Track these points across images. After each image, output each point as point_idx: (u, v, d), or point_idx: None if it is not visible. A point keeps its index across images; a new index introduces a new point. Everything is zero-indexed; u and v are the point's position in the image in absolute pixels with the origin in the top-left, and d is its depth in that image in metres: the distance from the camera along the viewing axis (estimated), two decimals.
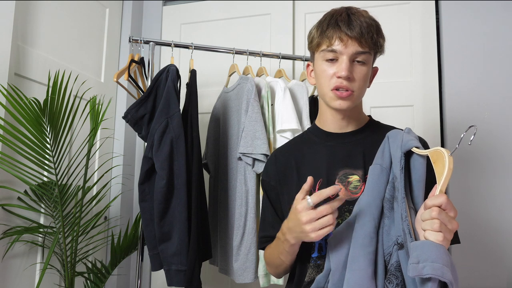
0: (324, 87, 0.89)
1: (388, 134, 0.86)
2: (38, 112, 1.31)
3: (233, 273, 1.48)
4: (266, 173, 1.03)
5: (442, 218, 0.66)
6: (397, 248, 0.75)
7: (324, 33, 0.87)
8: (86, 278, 1.63)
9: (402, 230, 0.74)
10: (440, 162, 0.71)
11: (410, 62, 1.91)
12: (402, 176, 0.77)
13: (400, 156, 0.78)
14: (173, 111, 1.41)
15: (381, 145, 0.85)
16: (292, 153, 0.99)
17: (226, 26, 2.18)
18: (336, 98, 0.88)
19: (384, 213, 0.79)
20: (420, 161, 0.78)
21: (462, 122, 1.77)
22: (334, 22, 0.87)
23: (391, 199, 0.79)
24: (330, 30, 0.86)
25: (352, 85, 0.87)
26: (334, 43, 0.86)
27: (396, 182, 0.78)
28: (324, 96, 0.91)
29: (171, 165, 1.39)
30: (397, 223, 0.76)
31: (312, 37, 0.92)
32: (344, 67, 0.85)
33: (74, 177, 1.56)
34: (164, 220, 1.39)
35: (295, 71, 2.05)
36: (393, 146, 0.82)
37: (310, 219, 0.74)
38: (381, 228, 0.78)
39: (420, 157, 0.78)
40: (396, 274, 0.74)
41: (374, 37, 0.87)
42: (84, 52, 1.89)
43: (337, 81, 0.86)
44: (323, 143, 0.95)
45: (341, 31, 0.85)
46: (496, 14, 1.79)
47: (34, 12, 1.58)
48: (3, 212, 1.40)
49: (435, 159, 0.73)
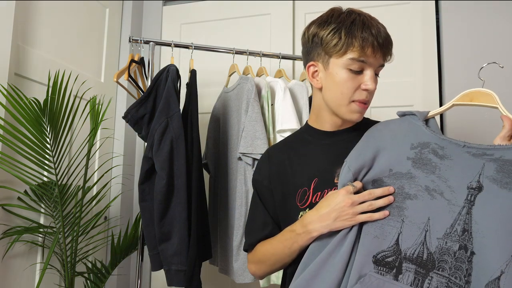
0: (343, 97, 0.86)
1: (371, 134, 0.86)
2: (38, 112, 1.31)
3: (233, 273, 1.48)
4: (258, 172, 1.00)
5: None
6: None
7: (356, 40, 0.81)
8: (86, 278, 1.63)
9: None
10: (479, 98, 0.81)
11: (410, 62, 1.91)
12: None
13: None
14: (173, 111, 1.41)
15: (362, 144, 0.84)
16: (286, 152, 0.98)
17: (226, 26, 2.18)
18: (357, 110, 0.86)
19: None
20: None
21: (462, 122, 1.77)
22: (368, 30, 0.81)
23: None
24: (365, 38, 0.81)
25: (371, 97, 0.87)
26: (367, 52, 0.82)
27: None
28: (340, 106, 0.87)
29: (171, 165, 1.39)
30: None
31: (332, 41, 0.84)
32: (372, 80, 0.83)
33: (74, 177, 1.56)
34: (164, 220, 1.39)
35: (295, 71, 2.05)
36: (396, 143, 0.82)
37: (354, 202, 0.76)
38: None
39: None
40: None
41: (391, 49, 0.87)
42: (84, 52, 1.89)
43: (363, 94, 0.85)
44: (318, 142, 0.94)
45: (375, 39, 0.82)
46: (496, 14, 1.79)
47: (34, 12, 1.58)
48: (3, 212, 1.40)
49: (470, 98, 0.82)
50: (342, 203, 0.77)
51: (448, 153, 0.76)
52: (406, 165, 0.78)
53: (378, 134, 0.84)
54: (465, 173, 0.73)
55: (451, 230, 0.70)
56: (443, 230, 0.71)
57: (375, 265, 0.73)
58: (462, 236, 0.69)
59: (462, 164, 0.74)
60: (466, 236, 0.69)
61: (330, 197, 0.80)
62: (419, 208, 0.74)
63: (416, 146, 0.79)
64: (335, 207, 0.78)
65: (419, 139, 0.80)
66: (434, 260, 0.70)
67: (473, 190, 0.71)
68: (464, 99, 0.85)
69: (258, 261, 0.96)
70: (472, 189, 0.72)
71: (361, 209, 0.77)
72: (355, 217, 0.77)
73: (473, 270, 0.67)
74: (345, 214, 0.77)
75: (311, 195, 0.89)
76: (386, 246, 0.73)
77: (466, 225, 0.69)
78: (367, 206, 0.77)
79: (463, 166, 0.74)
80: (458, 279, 0.67)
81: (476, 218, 0.69)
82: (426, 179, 0.75)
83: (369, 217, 0.76)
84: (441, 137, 0.79)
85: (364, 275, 0.72)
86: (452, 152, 0.76)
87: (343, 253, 0.76)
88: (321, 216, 0.80)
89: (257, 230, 0.97)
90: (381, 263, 0.72)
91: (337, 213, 0.78)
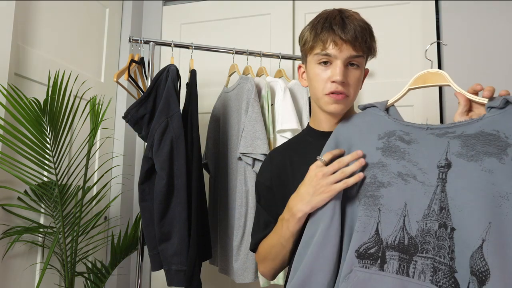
0: (318, 91, 0.89)
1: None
2: (38, 112, 1.31)
3: (233, 273, 1.48)
4: (261, 174, 1.02)
5: None
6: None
7: (317, 36, 0.86)
8: (86, 278, 1.63)
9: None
10: (432, 78, 0.84)
11: (410, 62, 1.91)
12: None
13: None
14: (173, 111, 1.41)
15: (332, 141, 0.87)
16: (287, 154, 0.99)
17: (226, 26, 2.18)
18: (331, 101, 0.88)
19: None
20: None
21: None
22: (328, 25, 0.86)
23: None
24: (324, 34, 0.85)
25: (346, 89, 0.87)
26: (329, 47, 0.85)
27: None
28: (318, 100, 0.91)
29: (171, 165, 1.39)
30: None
31: (305, 40, 0.91)
32: (338, 71, 0.84)
33: (74, 177, 1.56)
34: (164, 220, 1.39)
35: (295, 71, 2.05)
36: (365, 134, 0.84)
37: (325, 173, 0.79)
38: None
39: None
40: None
41: (367, 40, 0.87)
42: (84, 52, 1.89)
43: (332, 86, 0.86)
44: (317, 143, 0.95)
45: (335, 34, 0.84)
46: (496, 14, 1.79)
47: (34, 12, 1.58)
48: (3, 212, 1.40)
49: (423, 81, 0.85)
50: (314, 177, 0.80)
51: (414, 137, 0.79)
52: (377, 155, 0.79)
53: (346, 130, 0.87)
54: (433, 153, 0.75)
55: (429, 210, 0.72)
56: (421, 212, 0.72)
57: (359, 260, 0.73)
58: (440, 215, 0.70)
59: (428, 145, 0.77)
60: (444, 214, 0.70)
61: (305, 177, 0.83)
62: (394, 195, 0.75)
63: (383, 136, 0.81)
64: (309, 182, 0.80)
65: (384, 128, 0.83)
66: (416, 243, 0.70)
67: (442, 168, 0.73)
68: (418, 82, 0.88)
69: (263, 259, 0.98)
70: (442, 167, 0.73)
71: (334, 179, 0.78)
72: (330, 187, 0.78)
73: (456, 246, 0.68)
74: (320, 187, 0.78)
75: None
76: (367, 237, 0.74)
77: (442, 203, 0.71)
78: (340, 174, 0.78)
79: (430, 147, 0.76)
80: (443, 257, 0.68)
81: (450, 194, 0.70)
82: (397, 165, 0.77)
83: (344, 183, 0.77)
84: (404, 123, 0.82)
85: (350, 272, 0.72)
86: (417, 135, 0.79)
87: (332, 242, 0.76)
88: (300, 195, 0.82)
89: (260, 230, 0.99)
90: (364, 255, 0.73)
91: (313, 188, 0.79)
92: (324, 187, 0.78)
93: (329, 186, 0.78)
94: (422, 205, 0.72)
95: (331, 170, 0.79)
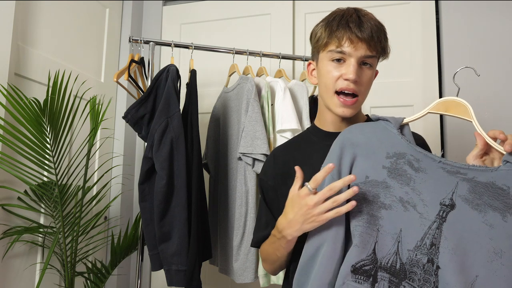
0: (328, 88, 0.88)
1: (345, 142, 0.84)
2: (38, 112, 1.31)
3: (233, 273, 1.48)
4: (264, 172, 1.02)
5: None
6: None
7: (333, 33, 0.85)
8: (86, 278, 1.63)
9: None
10: (454, 108, 0.82)
11: (410, 62, 1.91)
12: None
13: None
14: (173, 111, 1.41)
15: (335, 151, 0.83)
16: (291, 152, 0.99)
17: (226, 26, 2.18)
18: (340, 105, 0.87)
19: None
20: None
21: (462, 122, 1.77)
22: (344, 22, 0.85)
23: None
24: (341, 31, 0.84)
25: (358, 88, 0.86)
26: (344, 44, 0.84)
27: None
28: (327, 99, 0.90)
29: (171, 165, 1.39)
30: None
31: (318, 37, 0.89)
32: (352, 69, 0.84)
33: (74, 177, 1.56)
34: (164, 220, 1.39)
35: (295, 71, 2.05)
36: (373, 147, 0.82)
37: (316, 202, 0.75)
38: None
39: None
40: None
41: (382, 41, 0.87)
42: (84, 52, 1.89)
43: (344, 83, 0.85)
44: (323, 143, 0.95)
45: (351, 32, 0.84)
46: (496, 14, 1.79)
47: (34, 12, 1.58)
48: (3, 212, 1.40)
49: (445, 108, 0.82)
50: (304, 207, 0.76)
51: (423, 166, 0.77)
52: (382, 174, 0.78)
53: (353, 138, 0.83)
54: (439, 189, 0.74)
55: (421, 243, 0.72)
56: (414, 242, 0.72)
57: (352, 274, 0.72)
58: (430, 250, 0.71)
59: (436, 179, 0.76)
60: (433, 250, 0.70)
61: (293, 200, 0.79)
62: (393, 219, 0.74)
63: (391, 156, 0.79)
64: (299, 212, 0.77)
65: (394, 148, 0.80)
66: (405, 270, 0.71)
67: (445, 206, 0.73)
68: (439, 107, 0.85)
69: (264, 259, 1.00)
70: (445, 205, 0.73)
71: (325, 208, 0.74)
72: (322, 216, 0.75)
73: (440, 284, 0.68)
74: (311, 216, 0.75)
75: None
76: (365, 255, 0.73)
77: (434, 239, 0.71)
78: (331, 203, 0.74)
79: (437, 182, 0.75)
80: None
81: (446, 235, 0.71)
82: (400, 190, 0.76)
83: (336, 213, 0.74)
84: (416, 149, 0.80)
85: (343, 284, 0.72)
86: (427, 165, 0.77)
87: (339, 255, 0.76)
88: (290, 222, 0.80)
89: (261, 229, 1.00)
90: (358, 271, 0.72)
91: (303, 217, 0.77)
92: (315, 217, 0.75)
93: (321, 215, 0.75)
94: (416, 236, 0.72)
95: (322, 199, 0.74)
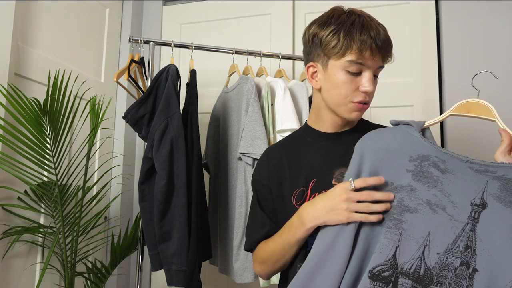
0: (342, 98, 0.86)
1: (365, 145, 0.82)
2: (38, 112, 1.31)
3: (233, 273, 1.48)
4: (258, 171, 1.00)
5: None
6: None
7: (354, 43, 0.81)
8: (86, 278, 1.63)
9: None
10: (476, 109, 0.80)
11: (410, 62, 1.91)
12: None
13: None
14: (173, 111, 1.41)
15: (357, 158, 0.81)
16: (285, 152, 0.98)
17: (226, 26, 2.18)
18: (355, 110, 0.87)
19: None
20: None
21: (462, 122, 1.77)
22: (367, 33, 0.81)
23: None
24: (364, 41, 0.81)
25: (370, 98, 0.88)
26: (365, 55, 0.82)
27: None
28: (338, 106, 0.88)
29: (171, 165, 1.39)
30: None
31: (331, 42, 0.84)
32: (370, 82, 0.84)
33: (74, 177, 1.56)
34: (164, 220, 1.39)
35: (295, 71, 2.05)
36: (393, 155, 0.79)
37: (350, 198, 0.75)
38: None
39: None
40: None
41: (391, 51, 0.87)
42: (84, 52, 1.89)
43: (361, 96, 0.85)
44: (317, 143, 0.94)
45: (373, 42, 0.81)
46: (496, 14, 1.79)
47: (34, 12, 1.58)
48: (3, 212, 1.40)
49: (467, 110, 0.82)
50: (338, 197, 0.76)
51: (450, 167, 0.75)
52: (407, 178, 0.76)
53: (373, 145, 0.82)
54: (468, 189, 0.72)
55: (453, 246, 0.70)
56: (444, 245, 0.70)
57: (370, 280, 0.70)
58: (465, 253, 0.69)
59: (464, 179, 0.74)
60: (469, 253, 0.68)
61: (329, 191, 0.80)
62: (419, 222, 0.72)
63: (415, 159, 0.77)
64: (330, 199, 0.77)
65: (418, 151, 0.78)
66: (432, 275, 0.69)
67: (477, 207, 0.71)
68: (461, 109, 0.84)
69: (262, 261, 0.95)
70: (476, 206, 0.71)
71: (356, 208, 0.74)
72: (349, 214, 0.74)
73: (475, 287, 0.66)
74: (339, 208, 0.75)
75: (308, 195, 0.89)
76: (383, 259, 0.71)
77: (469, 242, 0.69)
78: (364, 207, 0.74)
79: (466, 182, 0.73)
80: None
81: (480, 236, 0.69)
82: (427, 193, 0.74)
83: (364, 217, 0.74)
84: (441, 150, 0.78)
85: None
86: (454, 166, 0.75)
87: (342, 249, 0.74)
88: (316, 206, 0.79)
89: (256, 229, 0.97)
90: (377, 277, 0.70)
91: (331, 205, 0.76)
92: (343, 211, 0.75)
93: (348, 212, 0.74)
94: (447, 239, 0.70)
95: (357, 199, 0.75)
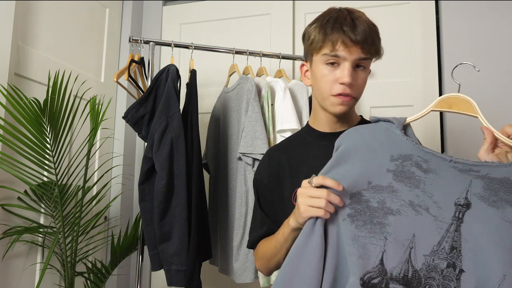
0: (324, 91, 0.88)
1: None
2: (38, 112, 1.31)
3: (233, 273, 1.48)
4: (259, 172, 1.02)
5: None
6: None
7: (327, 37, 0.84)
8: (86, 278, 1.63)
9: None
10: (458, 105, 0.79)
11: (410, 62, 1.91)
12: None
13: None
14: (173, 111, 1.41)
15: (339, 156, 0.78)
16: (286, 152, 0.99)
17: (226, 26, 2.18)
18: (338, 102, 0.87)
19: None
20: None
21: (462, 122, 1.77)
22: (339, 26, 0.84)
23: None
24: (335, 34, 0.84)
25: (353, 91, 0.87)
26: (338, 48, 0.84)
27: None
28: (323, 100, 0.90)
29: (171, 165, 1.39)
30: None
31: (312, 39, 0.88)
32: (347, 73, 0.84)
33: (74, 177, 1.56)
34: (164, 220, 1.39)
35: (295, 71, 2.05)
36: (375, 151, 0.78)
37: (305, 192, 0.75)
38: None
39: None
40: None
41: (376, 43, 0.87)
42: (84, 52, 1.89)
43: (340, 88, 0.85)
44: (317, 143, 0.95)
45: (346, 35, 0.83)
46: (496, 14, 1.79)
47: (34, 12, 1.58)
48: (3, 212, 1.40)
49: (448, 105, 0.80)
50: (300, 195, 0.76)
51: (433, 167, 0.74)
52: (387, 178, 0.74)
53: (351, 142, 0.80)
54: (452, 189, 0.71)
55: (439, 247, 0.69)
56: (429, 247, 0.69)
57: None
58: (451, 254, 0.68)
59: (448, 179, 0.72)
60: (454, 254, 0.68)
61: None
62: (403, 224, 0.70)
63: (396, 158, 0.75)
64: (298, 198, 0.77)
65: (399, 150, 0.76)
66: (420, 277, 0.68)
67: (461, 207, 0.70)
68: (443, 105, 0.83)
69: (259, 258, 0.98)
70: (460, 205, 0.70)
71: (311, 203, 0.73)
72: (307, 208, 0.74)
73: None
74: (302, 206, 0.75)
75: None
76: (371, 266, 0.69)
77: (454, 242, 0.68)
78: (318, 202, 0.73)
79: (449, 182, 0.72)
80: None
81: (465, 236, 0.68)
82: (409, 194, 0.72)
83: (315, 212, 0.73)
84: (424, 149, 0.76)
85: None
86: (438, 166, 0.74)
87: (314, 247, 0.72)
88: (295, 207, 0.80)
89: (256, 228, 1.00)
90: (368, 285, 0.68)
91: (297, 204, 0.77)
92: (301, 204, 0.75)
93: (305, 205, 0.74)
94: (432, 240, 0.69)
95: (312, 194, 0.74)
